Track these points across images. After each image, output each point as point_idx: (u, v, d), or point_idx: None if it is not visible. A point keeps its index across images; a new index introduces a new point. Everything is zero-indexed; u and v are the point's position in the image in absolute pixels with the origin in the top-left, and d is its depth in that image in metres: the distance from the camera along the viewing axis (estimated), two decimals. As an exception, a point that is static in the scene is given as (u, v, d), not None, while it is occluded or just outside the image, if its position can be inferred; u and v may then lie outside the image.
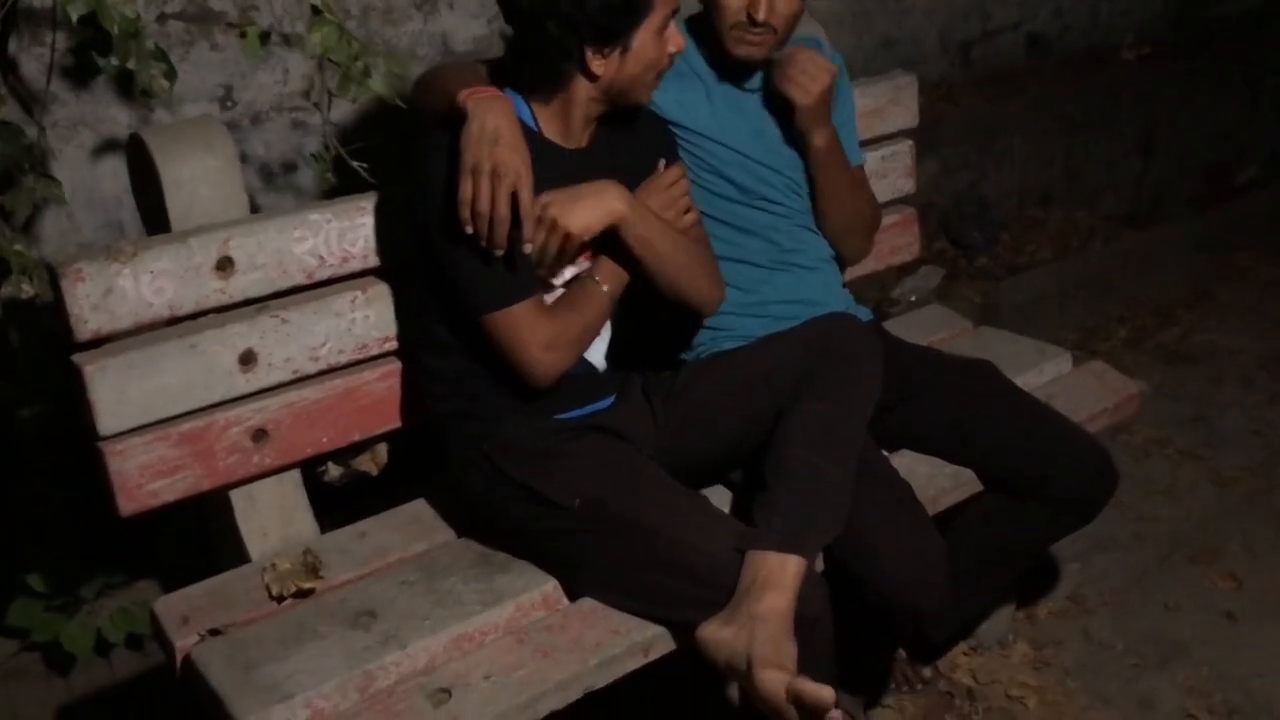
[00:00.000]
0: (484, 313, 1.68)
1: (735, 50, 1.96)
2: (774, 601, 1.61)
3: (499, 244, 1.62)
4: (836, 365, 1.80)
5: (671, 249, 1.80)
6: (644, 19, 1.69)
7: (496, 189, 1.59)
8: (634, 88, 1.76)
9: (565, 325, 1.73)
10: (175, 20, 2.49)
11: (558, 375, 1.74)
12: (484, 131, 1.61)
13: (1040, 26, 4.21)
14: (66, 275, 1.60)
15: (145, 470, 1.69)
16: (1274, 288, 3.95)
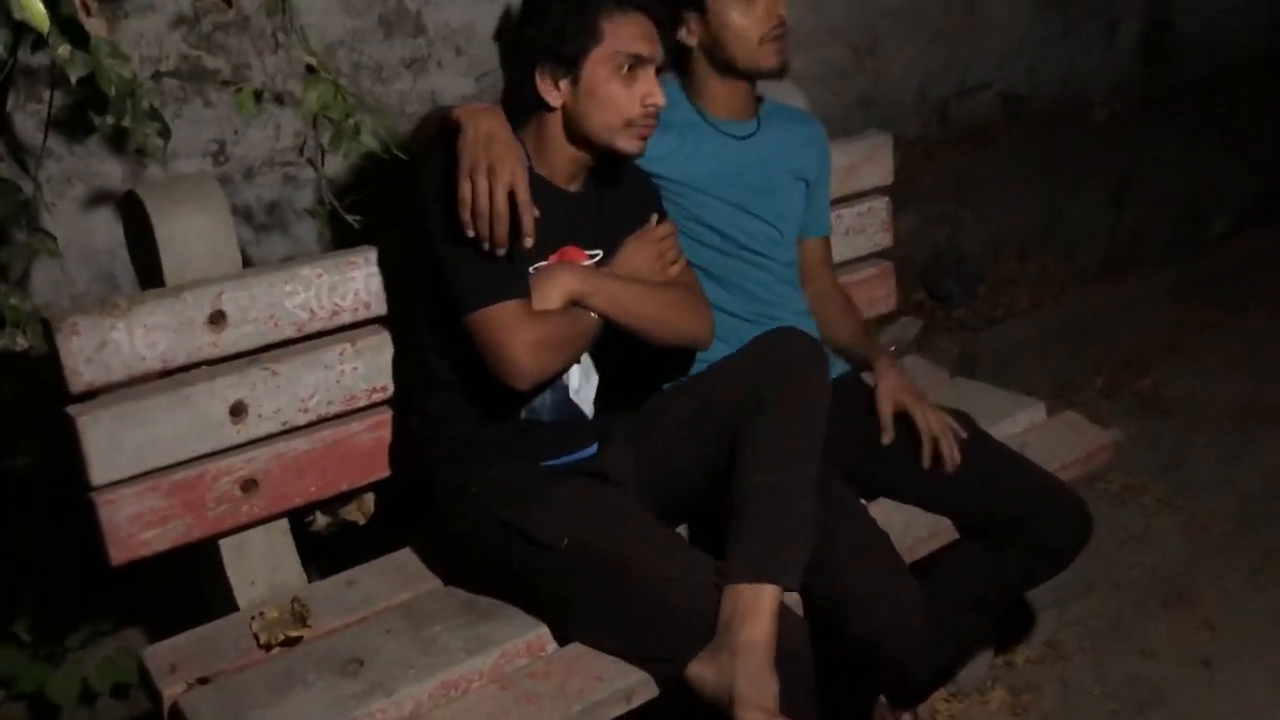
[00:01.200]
0: (472, 309, 1.70)
1: (768, 61, 2.03)
2: (753, 632, 1.63)
3: (500, 240, 1.66)
4: (784, 378, 1.82)
5: (645, 307, 1.84)
6: (591, 46, 1.76)
7: (494, 186, 1.64)
8: (599, 129, 1.80)
9: (551, 329, 1.74)
10: (169, 78, 2.54)
11: (541, 378, 1.75)
12: (478, 135, 1.68)
13: (1014, 85, 4.31)
14: (62, 329, 1.64)
15: (136, 520, 1.72)
16: (1244, 337, 4.02)
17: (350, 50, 2.74)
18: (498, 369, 1.71)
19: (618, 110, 1.79)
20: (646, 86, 1.79)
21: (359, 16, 2.74)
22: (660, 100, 1.81)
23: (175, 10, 2.51)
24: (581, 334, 1.80)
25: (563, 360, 1.79)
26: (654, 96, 1.80)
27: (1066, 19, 4.43)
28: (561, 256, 1.85)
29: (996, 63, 4.23)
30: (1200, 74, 4.93)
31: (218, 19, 2.54)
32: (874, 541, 1.90)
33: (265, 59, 2.61)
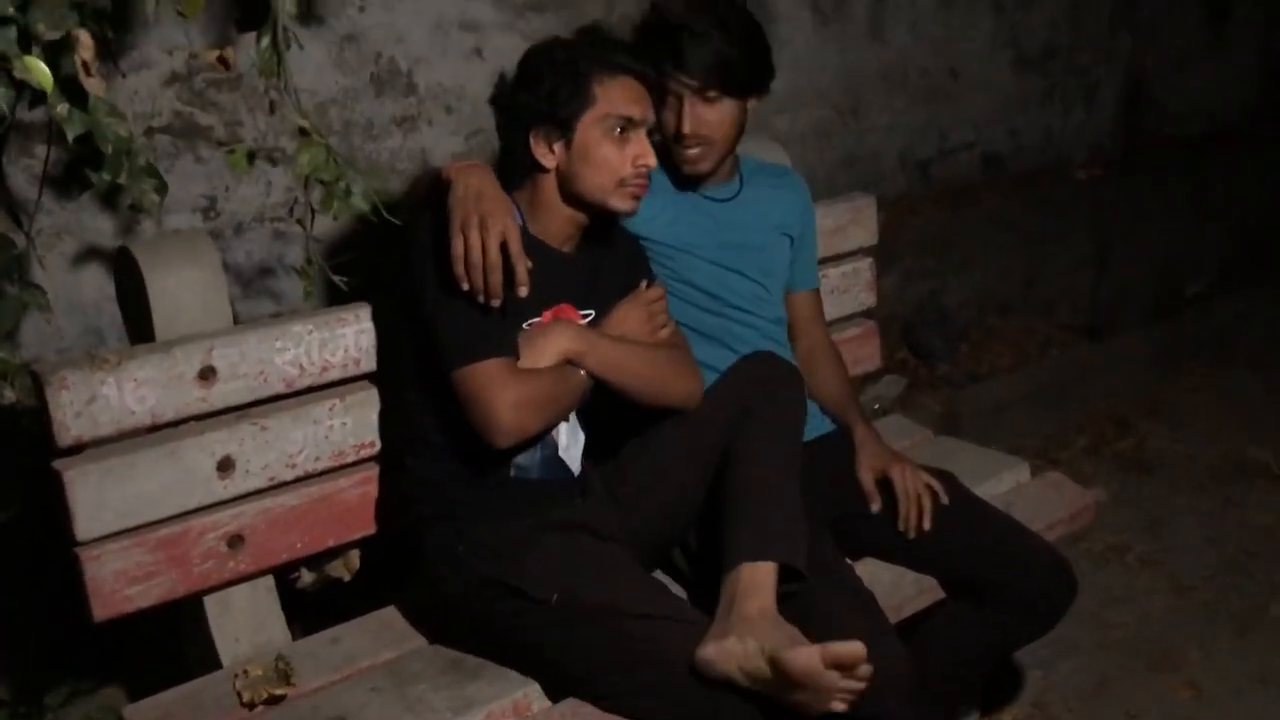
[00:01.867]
0: (458, 365, 1.71)
1: (681, 167, 2.07)
2: (759, 603, 1.68)
3: (495, 291, 1.68)
4: (764, 393, 1.88)
5: (636, 368, 1.86)
6: (583, 109, 1.80)
7: (486, 239, 1.66)
8: (593, 189, 1.83)
9: (536, 388, 1.75)
10: (162, 134, 2.57)
11: (521, 437, 1.75)
12: (469, 191, 1.70)
13: (995, 146, 4.38)
14: (51, 383, 1.64)
15: (121, 576, 1.71)
16: (1225, 397, 4.06)
17: (342, 108, 2.78)
18: (480, 425, 1.72)
19: (610, 171, 1.82)
20: (638, 148, 1.83)
21: (351, 75, 2.77)
22: (652, 161, 1.84)
23: (169, 68, 2.54)
24: (567, 393, 1.81)
25: (546, 420, 1.79)
26: (645, 157, 1.83)
27: (1046, 82, 4.52)
28: (556, 314, 1.87)
29: (978, 124, 4.31)
30: (1177, 137, 5.02)
31: (211, 77, 2.58)
32: (860, 601, 1.90)
33: (257, 116, 2.64)
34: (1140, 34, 4.78)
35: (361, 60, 2.78)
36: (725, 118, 2.04)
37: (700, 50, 1.98)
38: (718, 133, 2.04)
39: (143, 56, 2.49)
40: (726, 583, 1.74)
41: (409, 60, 2.85)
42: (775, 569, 1.73)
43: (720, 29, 2.00)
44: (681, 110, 2.01)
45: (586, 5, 3.13)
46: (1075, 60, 4.59)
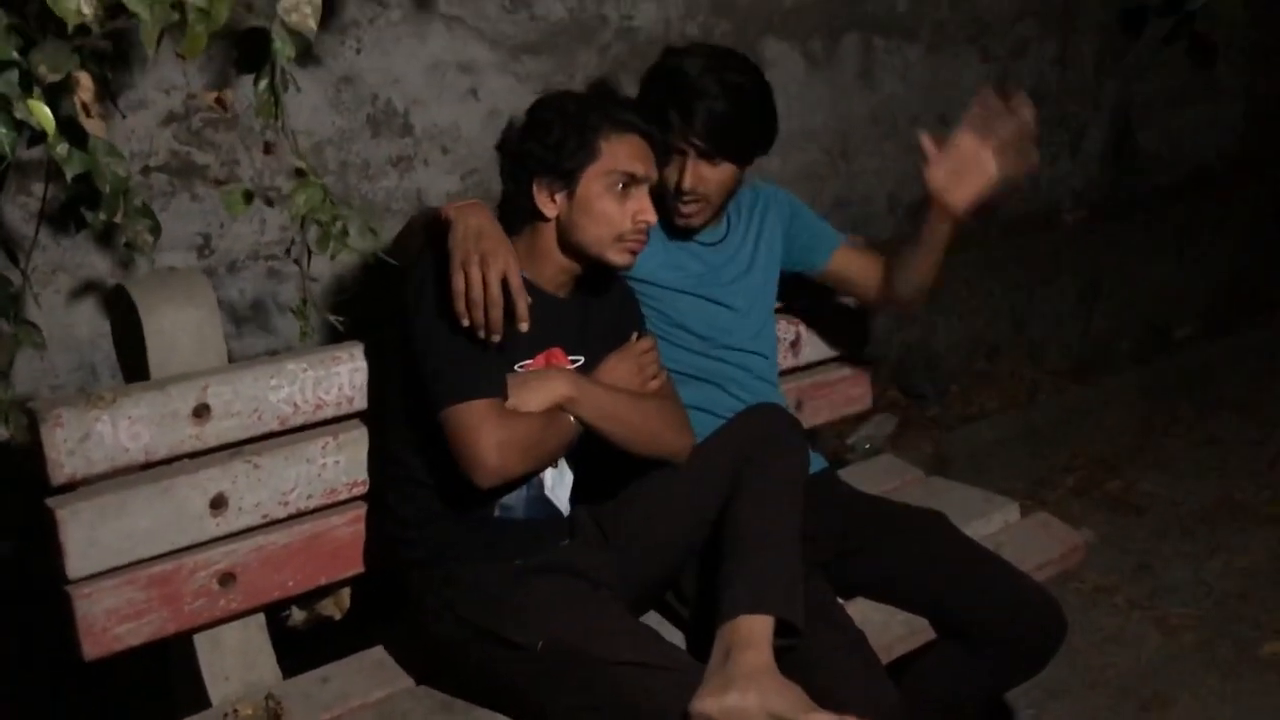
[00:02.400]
0: (446, 404, 1.72)
1: (675, 220, 2.09)
2: (756, 659, 1.67)
3: (495, 326, 1.69)
4: (766, 448, 1.89)
5: (628, 417, 1.88)
6: (588, 162, 1.82)
7: (487, 275, 1.68)
8: (591, 241, 1.85)
9: (521, 431, 1.75)
10: (159, 172, 2.59)
11: (504, 479, 1.75)
12: (468, 230, 1.72)
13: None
14: (46, 420, 1.65)
15: (111, 614, 1.70)
16: (1212, 441, 4.08)
17: (338, 148, 2.80)
18: (464, 464, 1.73)
19: (610, 225, 1.84)
20: (639, 204, 1.86)
21: (348, 116, 2.80)
22: (652, 218, 1.87)
23: (166, 107, 2.57)
24: (554, 438, 1.82)
25: (530, 463, 1.80)
26: (646, 214, 1.86)
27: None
28: (548, 357, 1.88)
29: (966, 168, 4.34)
30: (1163, 183, 5.07)
31: (207, 116, 2.60)
32: (851, 641, 1.90)
33: (254, 155, 2.66)
34: (1126, 82, 4.84)
35: (358, 101, 2.81)
36: (725, 178, 2.08)
37: (711, 114, 2.00)
38: (716, 192, 2.08)
39: (140, 96, 2.52)
40: (722, 633, 1.73)
41: (405, 101, 2.88)
42: (772, 622, 1.73)
43: (734, 96, 2.02)
44: (685, 167, 2.04)
45: (579, 49, 3.17)
46: (1062, 107, 4.65)
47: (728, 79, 2.03)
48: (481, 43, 2.98)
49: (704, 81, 2.02)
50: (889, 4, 3.95)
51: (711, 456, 1.93)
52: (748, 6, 3.55)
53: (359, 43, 2.78)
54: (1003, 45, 4.37)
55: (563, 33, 3.13)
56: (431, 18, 2.89)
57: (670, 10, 3.35)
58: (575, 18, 3.15)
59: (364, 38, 2.79)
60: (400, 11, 2.83)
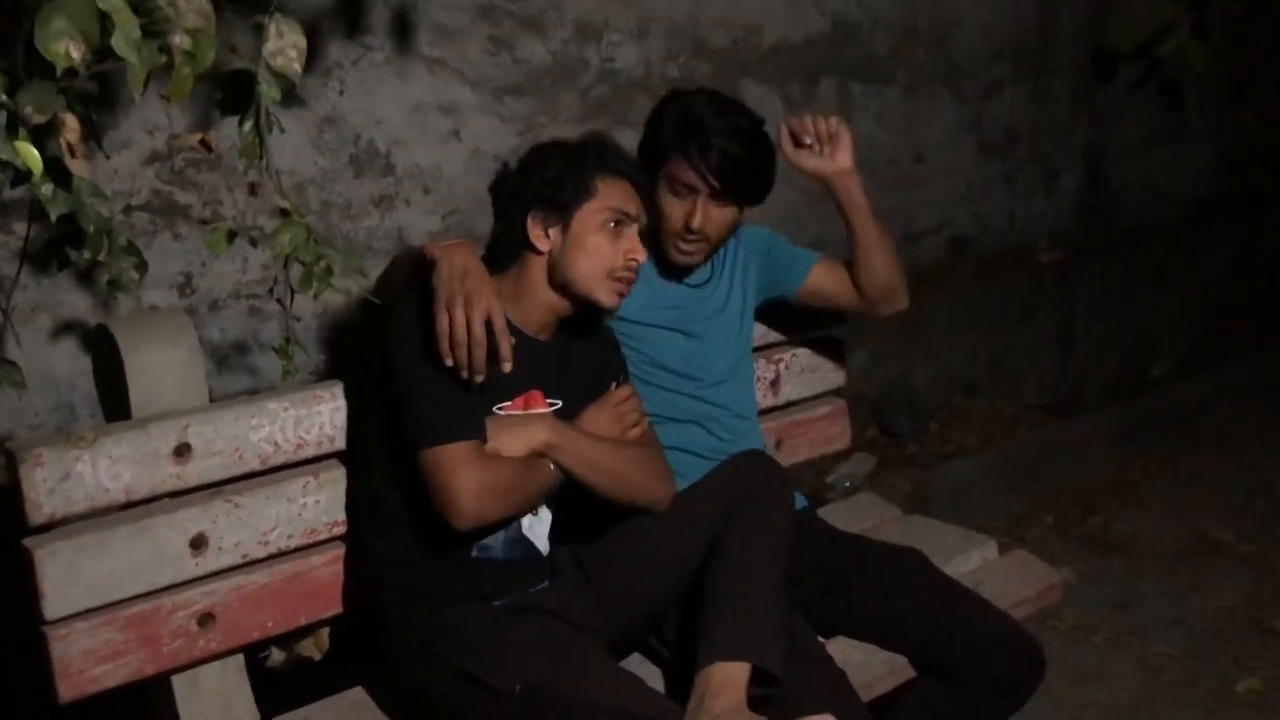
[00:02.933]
0: (425, 445, 1.73)
1: (673, 257, 2.12)
2: (729, 701, 1.68)
3: (478, 367, 1.70)
4: (752, 498, 1.91)
5: (609, 465, 1.89)
6: (584, 199, 1.85)
7: (471, 315, 1.69)
8: (581, 277, 1.87)
9: (500, 475, 1.76)
10: (141, 212, 2.59)
11: (481, 522, 1.76)
12: (453, 269, 1.74)
13: (960, 229, 4.48)
14: (25, 460, 1.64)
15: (89, 655, 1.69)
16: (1189, 478, 4.12)
17: (320, 188, 2.82)
18: (441, 506, 1.73)
19: (601, 260, 1.86)
20: (630, 243, 1.89)
21: (330, 156, 2.82)
22: (642, 256, 1.90)
23: (150, 147, 2.58)
24: (532, 484, 1.82)
25: (508, 509, 1.80)
26: (636, 252, 1.89)
27: (1009, 168, 4.63)
28: (527, 400, 1.89)
29: (943, 207, 4.40)
30: (1138, 222, 5.15)
31: (190, 156, 2.61)
32: (832, 680, 1.91)
33: (236, 194, 2.67)
34: (1099, 122, 4.92)
35: (341, 141, 2.83)
36: (727, 220, 2.12)
37: (727, 155, 2.05)
38: (717, 233, 2.12)
39: (124, 136, 2.53)
40: (699, 679, 1.75)
41: (387, 141, 2.91)
42: (748, 669, 1.74)
43: (747, 140, 2.08)
44: (695, 206, 2.07)
45: (561, 91, 3.21)
46: (1037, 148, 4.72)
47: (740, 124, 2.09)
48: (464, 84, 3.01)
49: (719, 124, 2.06)
50: (866, 48, 4.01)
51: (697, 503, 1.94)
52: (727, 49, 3.60)
53: (342, 84, 2.81)
54: (977, 87, 4.44)
55: (545, 75, 3.16)
56: (414, 60, 2.92)
57: (651, 53, 3.40)
58: (557, 60, 3.19)
59: (347, 79, 2.81)
60: (383, 54, 2.86)
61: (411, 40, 2.91)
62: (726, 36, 3.59)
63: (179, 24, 1.46)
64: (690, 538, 1.91)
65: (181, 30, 1.45)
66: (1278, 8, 5.12)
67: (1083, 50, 4.70)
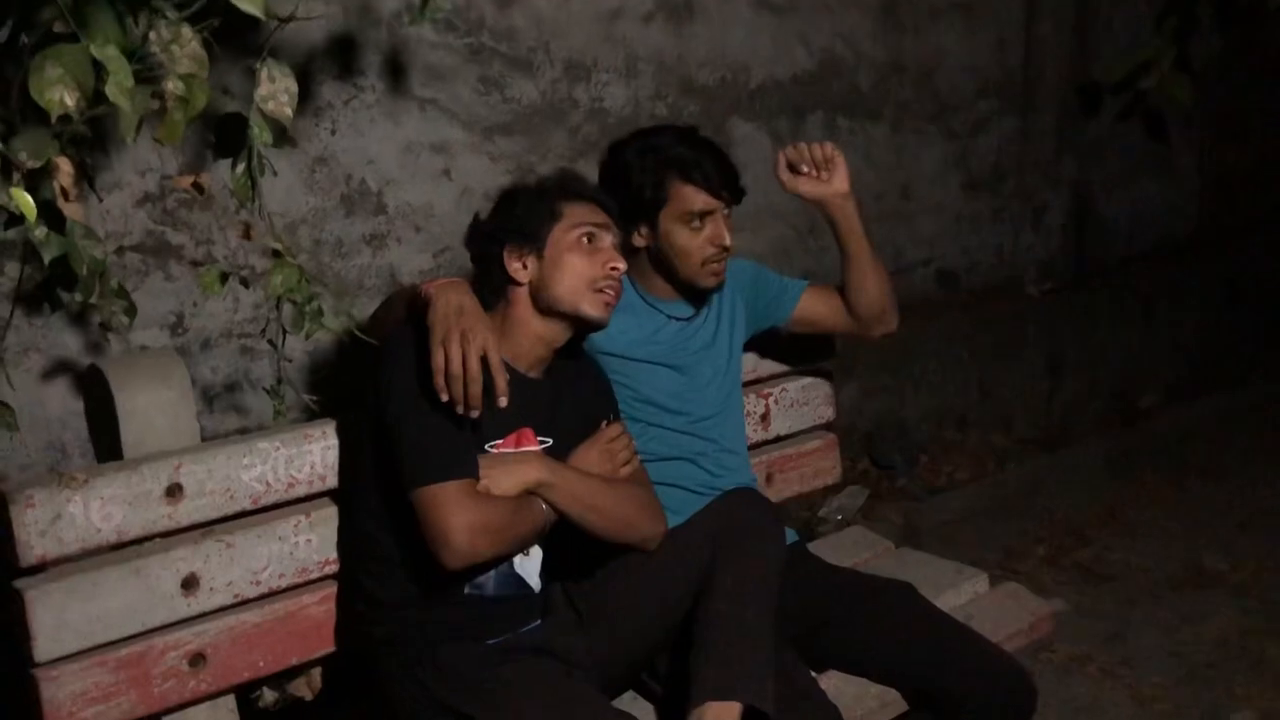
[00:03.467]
0: (418, 485, 1.73)
1: (709, 282, 2.17)
2: None
3: (474, 402, 1.71)
4: (742, 537, 1.92)
5: (600, 503, 1.89)
6: (552, 222, 1.89)
7: (467, 351, 1.71)
8: (565, 294, 1.88)
9: (492, 514, 1.76)
10: (133, 252, 2.61)
11: (472, 561, 1.76)
12: (448, 306, 1.75)
13: (949, 263, 4.52)
14: (17, 501, 1.64)
15: (79, 698, 1.69)
16: (1179, 508, 4.13)
17: (312, 227, 2.84)
18: (433, 545, 1.73)
19: (581, 275, 1.89)
20: (606, 254, 1.91)
21: (322, 195, 2.84)
22: (621, 264, 1.91)
23: (142, 188, 2.60)
24: (525, 523, 1.82)
25: (500, 547, 1.80)
26: (614, 260, 1.91)
27: (996, 202, 4.68)
28: (518, 438, 1.90)
29: (931, 242, 4.44)
30: (1124, 255, 5.19)
31: (182, 196, 2.63)
32: (825, 716, 1.91)
33: (228, 234, 2.69)
34: (1085, 157, 4.97)
35: (332, 181, 2.85)
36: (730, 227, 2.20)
37: (721, 165, 2.14)
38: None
39: (116, 177, 2.55)
40: (690, 718, 1.75)
41: (379, 181, 2.93)
42: (740, 709, 1.75)
43: (716, 148, 2.17)
44: (718, 225, 2.14)
45: (551, 129, 3.24)
46: (1023, 183, 4.76)
47: (700, 139, 2.18)
48: (455, 124, 3.04)
49: (689, 146, 2.14)
50: (852, 84, 4.06)
51: (688, 540, 1.95)
52: (714, 88, 3.64)
53: (334, 124, 2.83)
54: (964, 123, 4.49)
55: (535, 114, 3.19)
56: (406, 100, 2.94)
57: (639, 92, 3.44)
58: (547, 99, 3.22)
59: (339, 119, 2.84)
60: (375, 94, 2.89)
61: (403, 81, 2.94)
62: (714, 75, 3.63)
63: (173, 70, 1.48)
64: (681, 575, 1.92)
65: (175, 76, 1.48)
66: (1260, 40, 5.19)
67: (1067, 87, 4.75)
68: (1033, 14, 4.65)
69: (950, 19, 4.36)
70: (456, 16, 3.00)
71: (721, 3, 3.58)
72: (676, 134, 2.18)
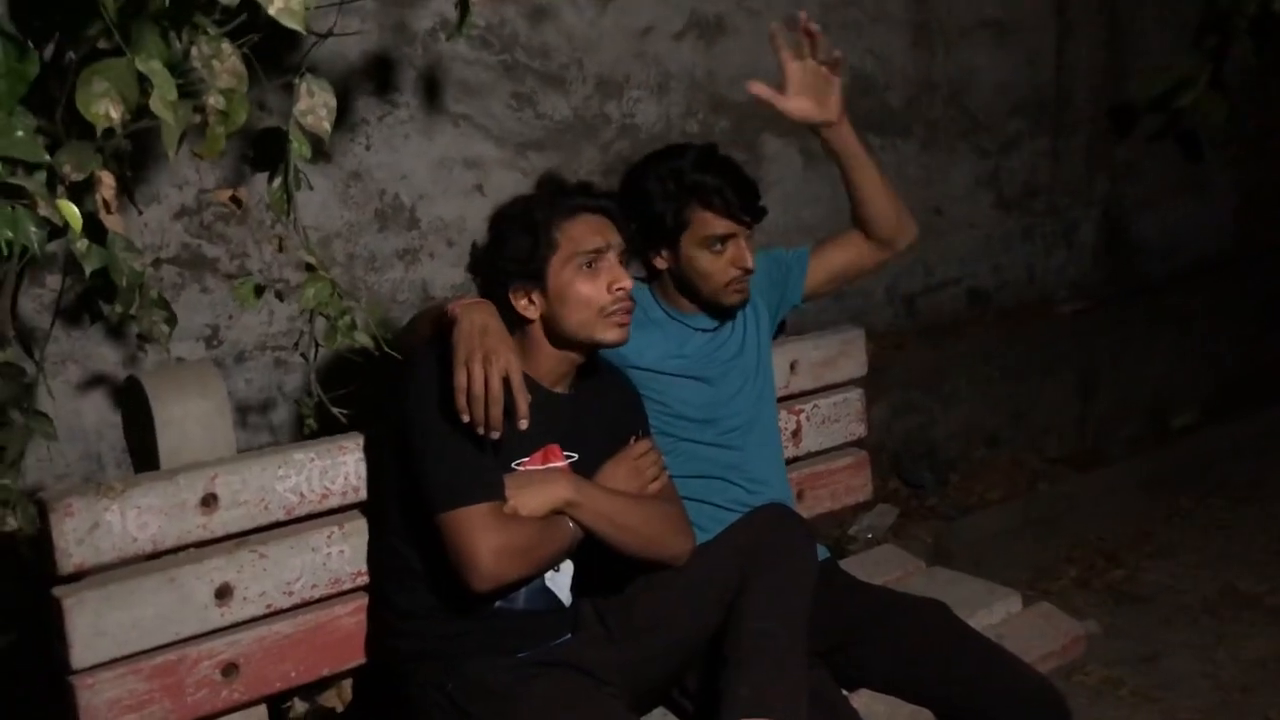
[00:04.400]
0: (442, 510, 1.74)
1: (732, 300, 2.17)
2: None
3: (495, 423, 1.71)
4: (774, 553, 1.91)
5: (628, 521, 1.89)
6: (550, 254, 1.87)
7: (489, 372, 1.71)
8: (577, 326, 1.88)
9: (519, 536, 1.76)
10: (170, 265, 2.64)
11: (500, 583, 1.76)
12: (473, 327, 1.76)
13: (979, 281, 4.49)
14: (56, 510, 1.66)
15: (114, 705, 1.70)
16: (1214, 529, 4.08)
17: (346, 241, 2.86)
18: (461, 569, 1.74)
19: (588, 304, 1.87)
20: (611, 275, 1.89)
21: (356, 210, 2.87)
22: (627, 284, 1.89)
23: (179, 201, 2.63)
24: (552, 543, 1.83)
25: (526, 569, 1.80)
26: (620, 282, 1.89)
27: (1027, 220, 4.65)
28: (545, 455, 1.90)
29: (962, 259, 4.42)
30: (1158, 274, 5.15)
31: (219, 210, 2.66)
32: (855, 734, 1.90)
33: (263, 248, 2.71)
34: (1117, 175, 4.94)
35: (366, 196, 2.88)
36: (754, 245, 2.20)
37: (741, 188, 2.13)
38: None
39: (154, 191, 2.58)
40: None
41: (412, 196, 2.95)
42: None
43: (736, 168, 2.17)
44: (741, 248, 2.14)
45: (583, 146, 3.25)
46: (1055, 201, 4.74)
47: (720, 160, 2.17)
48: (488, 140, 3.06)
49: (711, 169, 2.13)
50: (883, 101, 4.06)
51: (718, 558, 1.94)
52: (746, 104, 3.64)
53: (368, 139, 2.86)
54: (995, 141, 4.47)
55: (567, 130, 3.21)
56: (439, 116, 2.97)
57: (671, 109, 3.45)
58: (579, 115, 3.24)
59: (373, 135, 2.86)
60: (409, 110, 2.91)
61: (437, 97, 2.96)
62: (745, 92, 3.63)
63: (213, 84, 1.50)
64: (712, 592, 1.91)
65: (216, 91, 1.50)
66: (1294, 59, 5.14)
67: (1099, 105, 4.73)
68: (1065, 32, 4.64)
69: (981, 37, 4.35)
70: (490, 33, 3.02)
71: (752, 20, 3.59)
72: (696, 156, 2.16)
